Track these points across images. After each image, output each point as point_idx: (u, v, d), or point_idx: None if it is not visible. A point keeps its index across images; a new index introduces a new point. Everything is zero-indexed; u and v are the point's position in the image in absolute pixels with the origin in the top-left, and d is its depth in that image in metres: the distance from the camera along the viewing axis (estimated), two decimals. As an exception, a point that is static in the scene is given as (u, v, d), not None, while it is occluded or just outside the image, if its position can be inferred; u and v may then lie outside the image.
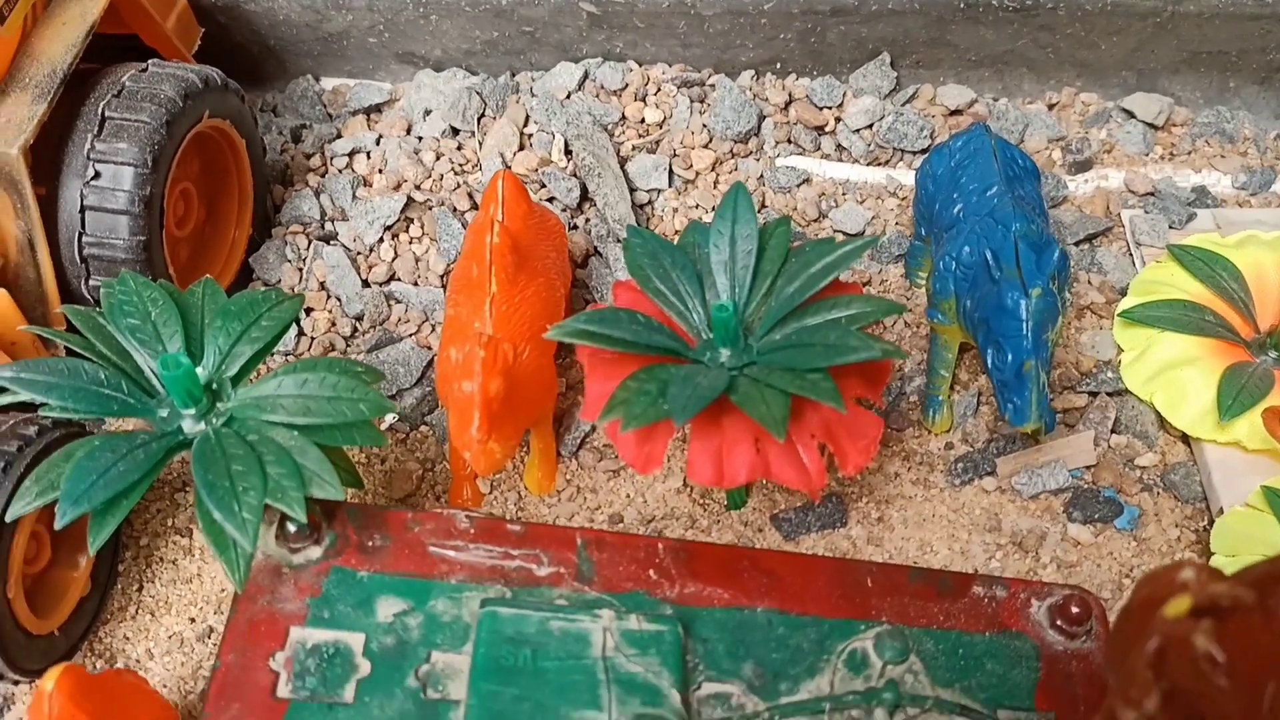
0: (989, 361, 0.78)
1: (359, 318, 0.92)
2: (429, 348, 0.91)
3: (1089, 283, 0.95)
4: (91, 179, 0.78)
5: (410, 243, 0.96)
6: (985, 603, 0.75)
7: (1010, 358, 0.76)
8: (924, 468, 0.86)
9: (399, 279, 0.94)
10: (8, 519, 0.65)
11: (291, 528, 0.71)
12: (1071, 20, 0.96)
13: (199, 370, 0.69)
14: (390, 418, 0.88)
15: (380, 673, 0.68)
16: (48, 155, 0.78)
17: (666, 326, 0.74)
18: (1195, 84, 1.03)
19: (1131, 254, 0.96)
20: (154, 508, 0.83)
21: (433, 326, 0.92)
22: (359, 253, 0.95)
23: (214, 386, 0.70)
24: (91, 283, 0.79)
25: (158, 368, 0.69)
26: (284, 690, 0.66)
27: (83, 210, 0.78)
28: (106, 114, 0.79)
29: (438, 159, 0.99)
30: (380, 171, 0.99)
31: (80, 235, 0.78)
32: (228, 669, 0.67)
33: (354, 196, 0.97)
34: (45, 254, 0.77)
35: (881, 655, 0.72)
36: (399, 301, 0.93)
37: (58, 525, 0.61)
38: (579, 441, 0.87)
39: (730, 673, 0.70)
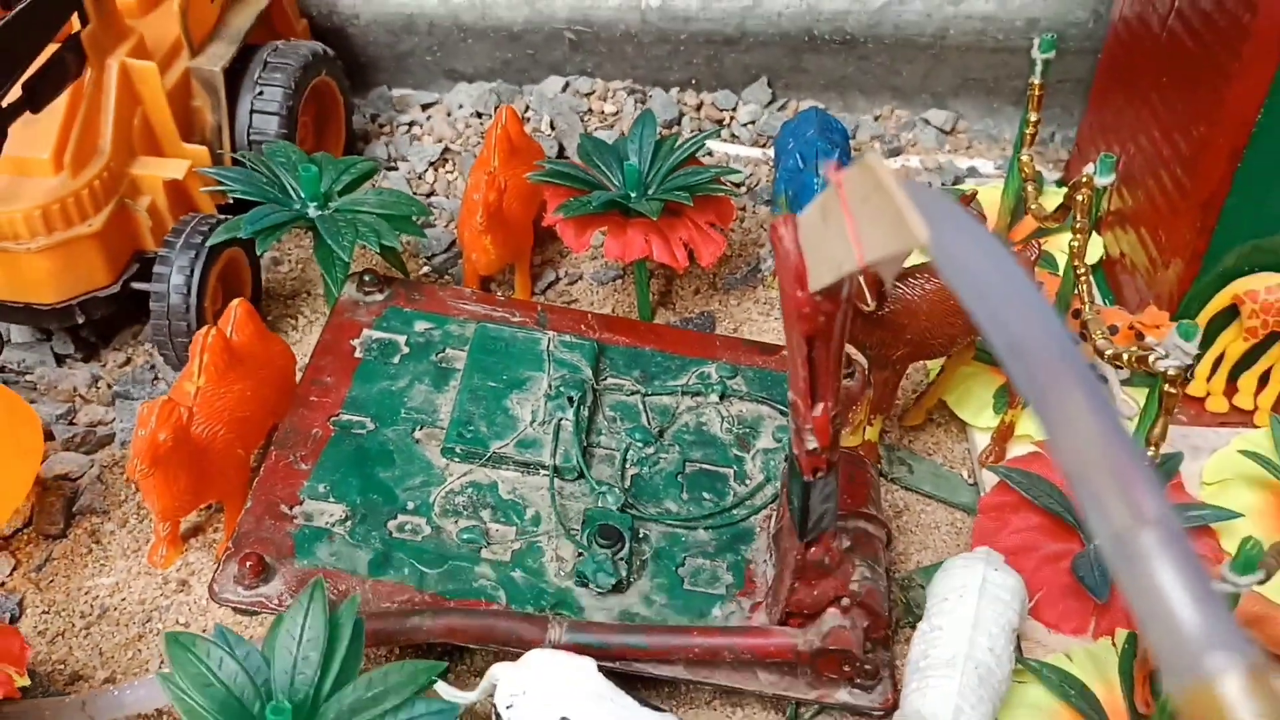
0: (798, 219, 1.22)
1: (409, 215, 1.37)
2: (451, 233, 1.35)
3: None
4: (257, 95, 1.25)
5: (446, 173, 1.42)
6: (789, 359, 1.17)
7: (807, 210, 1.20)
8: (767, 306, 1.29)
9: (436, 194, 1.40)
10: (210, 243, 1.09)
11: (366, 278, 1.14)
12: (879, 50, 1.44)
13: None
14: (425, 268, 1.32)
15: (414, 353, 1.09)
16: (231, 81, 1.26)
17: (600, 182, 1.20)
18: (971, 103, 1.50)
19: (918, 199, 1.42)
20: (276, 306, 1.26)
21: (455, 224, 1.37)
22: (411, 178, 1.41)
23: (326, 194, 1.14)
24: (251, 157, 1.25)
25: (296, 182, 1.14)
26: (358, 354, 1.09)
27: (251, 112, 1.24)
28: (267, 59, 1.26)
29: (467, 128, 1.46)
30: (428, 134, 1.46)
31: (249, 127, 1.24)
32: (325, 342, 1.09)
33: (410, 146, 1.44)
34: (227, 136, 1.23)
35: (720, 373, 1.13)
36: (435, 208, 1.38)
37: (244, 234, 1.05)
38: (546, 286, 1.31)
39: (624, 374, 1.11)
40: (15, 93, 0.99)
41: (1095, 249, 1.26)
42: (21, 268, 1.08)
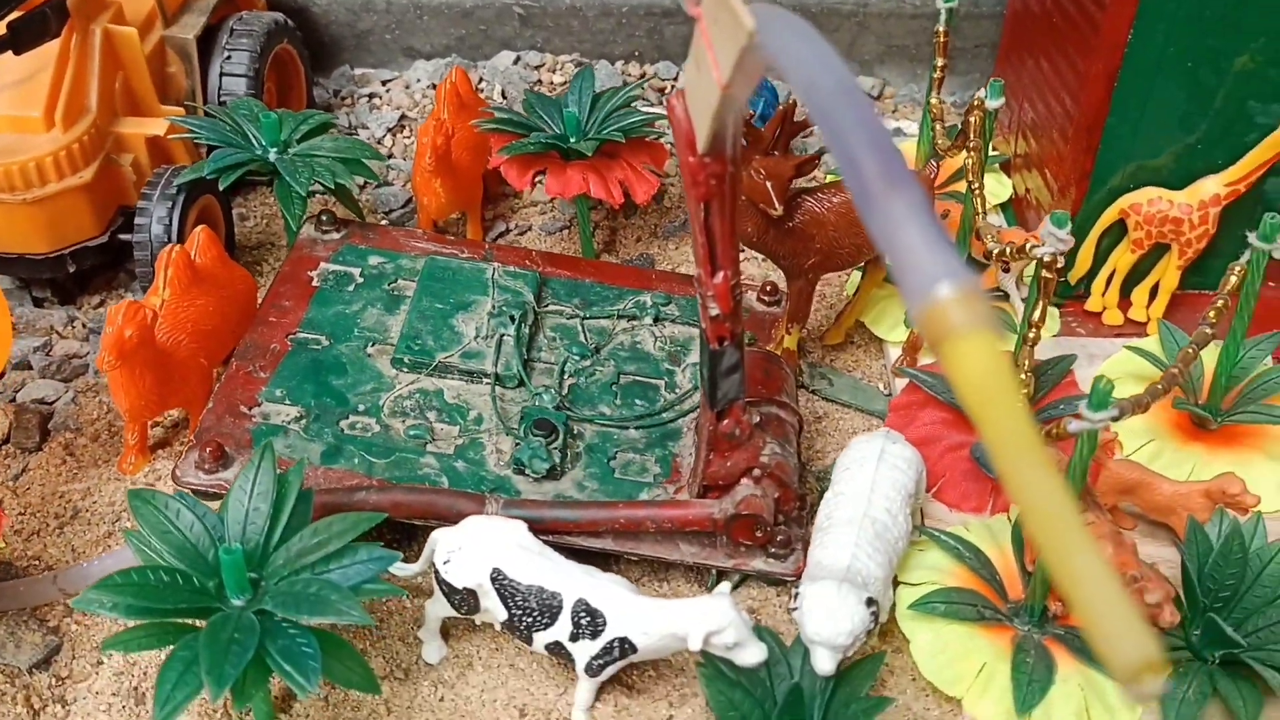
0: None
1: (369, 176, 1.45)
2: (408, 192, 1.43)
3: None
4: (225, 59, 1.33)
5: (404, 138, 1.50)
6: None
7: (734, 153, 1.28)
8: (703, 250, 1.37)
9: (394, 157, 1.48)
10: (177, 182, 1.16)
11: (324, 218, 1.22)
12: (806, 20, 1.53)
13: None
14: (383, 222, 1.39)
15: (368, 283, 1.16)
16: (202, 49, 1.33)
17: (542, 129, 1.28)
18: (896, 70, 1.59)
19: (846, 155, 1.50)
20: (242, 256, 1.33)
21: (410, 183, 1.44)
22: (370, 143, 1.49)
23: (285, 142, 1.22)
24: (218, 116, 1.33)
25: (258, 131, 1.21)
26: (315, 283, 1.16)
27: (221, 76, 1.32)
28: (234, 27, 1.35)
29: (424, 98, 1.54)
30: (388, 104, 1.54)
31: (219, 90, 1.32)
32: (284, 273, 1.16)
33: (369, 114, 1.52)
34: (200, 98, 1.31)
35: (655, 300, 1.21)
36: (394, 169, 1.46)
37: (206, 173, 1.13)
38: (496, 237, 1.38)
39: (565, 301, 1.19)
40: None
41: (1005, 189, 1.34)
42: (17, 219, 1.15)
